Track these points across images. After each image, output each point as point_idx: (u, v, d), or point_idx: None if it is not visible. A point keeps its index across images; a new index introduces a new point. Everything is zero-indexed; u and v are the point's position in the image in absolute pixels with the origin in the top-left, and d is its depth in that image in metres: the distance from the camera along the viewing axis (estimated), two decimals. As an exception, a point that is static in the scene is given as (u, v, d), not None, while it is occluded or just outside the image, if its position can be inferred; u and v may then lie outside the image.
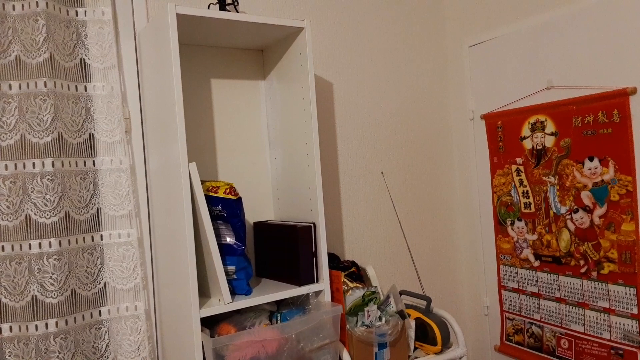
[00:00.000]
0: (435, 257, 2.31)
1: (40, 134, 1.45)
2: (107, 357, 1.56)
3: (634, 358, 1.67)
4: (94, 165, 1.57)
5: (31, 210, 1.44)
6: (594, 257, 1.78)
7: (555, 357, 1.94)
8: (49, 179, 1.45)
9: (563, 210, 1.87)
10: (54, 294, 1.43)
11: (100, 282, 1.56)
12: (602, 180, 1.74)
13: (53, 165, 1.45)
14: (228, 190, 1.54)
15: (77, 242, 1.51)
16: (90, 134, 1.57)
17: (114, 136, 1.58)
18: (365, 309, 1.73)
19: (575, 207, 1.83)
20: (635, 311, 1.67)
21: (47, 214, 1.45)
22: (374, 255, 2.16)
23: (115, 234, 1.57)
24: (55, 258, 1.44)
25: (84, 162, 1.55)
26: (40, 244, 1.43)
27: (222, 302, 1.47)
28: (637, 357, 1.66)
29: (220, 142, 1.83)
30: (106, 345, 1.55)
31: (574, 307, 1.86)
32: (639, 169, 1.64)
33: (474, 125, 2.24)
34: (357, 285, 1.83)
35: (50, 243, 1.43)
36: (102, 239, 1.56)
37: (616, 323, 1.72)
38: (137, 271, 1.57)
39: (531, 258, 2.02)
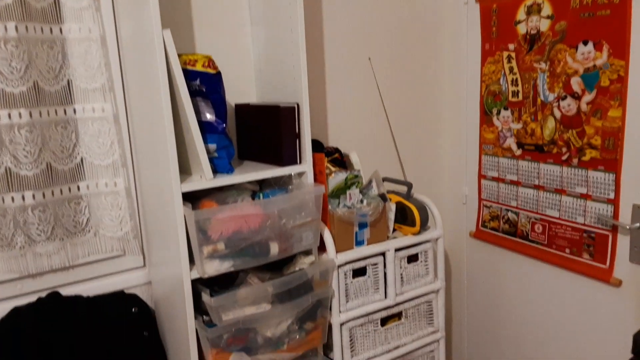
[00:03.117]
0: (419, 146, 2.31)
1: None
2: (89, 231, 1.57)
3: (605, 240, 1.74)
4: (61, 33, 1.46)
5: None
6: (577, 144, 1.78)
7: (528, 241, 2.02)
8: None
9: (551, 97, 1.84)
10: (29, 166, 1.39)
11: (76, 157, 1.52)
12: (594, 66, 1.69)
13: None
14: (207, 63, 1.46)
15: (48, 115, 1.44)
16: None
17: None
18: (348, 191, 1.74)
19: (563, 94, 1.80)
20: (612, 196, 1.70)
21: (15, 83, 1.36)
22: (358, 142, 2.14)
23: (89, 107, 1.50)
24: (27, 130, 1.38)
25: (50, 28, 1.43)
26: (9, 114, 1.36)
27: (204, 178, 1.45)
28: (608, 240, 1.73)
29: (198, 16, 1.71)
30: (87, 220, 1.55)
31: (551, 194, 1.90)
32: (633, 53, 1.59)
33: (468, 10, 2.13)
34: (340, 169, 1.83)
35: (20, 114, 1.37)
36: (75, 113, 1.49)
37: (592, 208, 1.77)
38: (114, 147, 1.53)
39: (514, 147, 2.02)
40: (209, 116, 1.49)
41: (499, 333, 2.23)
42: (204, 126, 1.48)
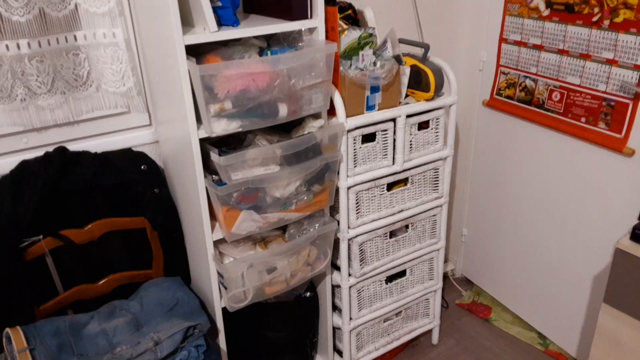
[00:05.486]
0: (439, 4, 2.14)
1: None
2: (91, 85, 1.51)
3: (624, 109, 1.68)
4: None
5: None
6: (612, 3, 1.64)
7: (544, 110, 1.96)
8: None
9: (591, -51, 1.65)
10: (20, 11, 1.28)
11: (70, 3, 1.40)
12: None
13: None
14: None
15: (34, -49, 1.30)
16: None
17: None
18: (360, 52, 1.64)
19: (606, -56, 1.61)
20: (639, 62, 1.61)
21: None
22: (372, -2, 1.97)
23: (78, -55, 1.35)
24: (12, -31, 1.25)
25: None
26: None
27: (208, 31, 1.35)
28: (628, 108, 1.67)
29: None
30: (87, 73, 1.48)
31: (575, 59, 1.80)
32: None
33: None
34: (354, 27, 1.70)
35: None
36: (63, -49, 1.35)
37: (616, 74, 1.68)
38: (110, -7, 1.40)
39: (542, 7, 1.86)
40: (212, -41, 1.34)
41: (500, 200, 2.28)
42: (207, -29, 1.34)
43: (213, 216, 1.53)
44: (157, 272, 1.79)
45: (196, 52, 1.40)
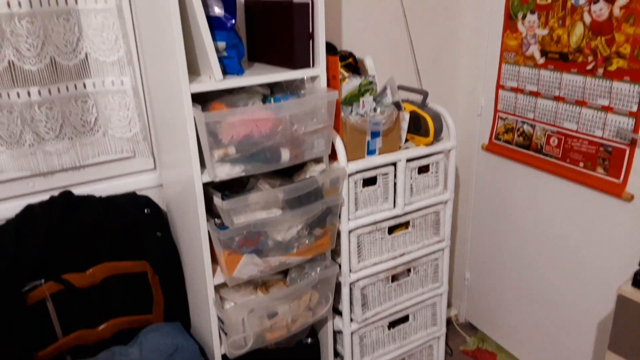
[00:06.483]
0: (437, 52, 2.21)
1: None
2: (98, 131, 1.54)
3: (622, 154, 1.71)
4: None
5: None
6: (605, 52, 1.69)
7: (542, 155, 1.99)
8: None
9: (582, 1, 1.72)
10: (32, 60, 1.33)
11: (80, 53, 1.45)
12: (634, -34, 1.56)
13: None
14: (215, -48, 1.35)
15: (49, 4, 1.36)
16: None
17: None
18: (361, 99, 1.69)
19: (597, -3, 1.68)
20: (634, 109, 1.64)
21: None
22: (373, 47, 2.04)
23: (91, -1, 1.42)
24: (28, 21, 1.30)
25: None
26: (8, 2, 1.28)
27: (213, 79, 1.40)
28: (625, 154, 1.70)
29: None
30: (95, 119, 1.52)
31: (571, 106, 1.84)
32: (680, -48, 1.46)
33: None
34: (354, 75, 1.75)
35: (19, 2, 1.29)
36: (77, 4, 1.40)
37: (612, 121, 1.72)
38: (119, 43, 1.46)
39: (537, 55, 1.92)
40: (218, 10, 1.40)
41: (502, 243, 2.27)
42: (212, 22, 1.40)
43: (214, 260, 1.53)
44: (157, 316, 1.77)
45: (202, 98, 1.44)
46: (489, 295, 2.41)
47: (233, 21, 1.41)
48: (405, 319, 1.98)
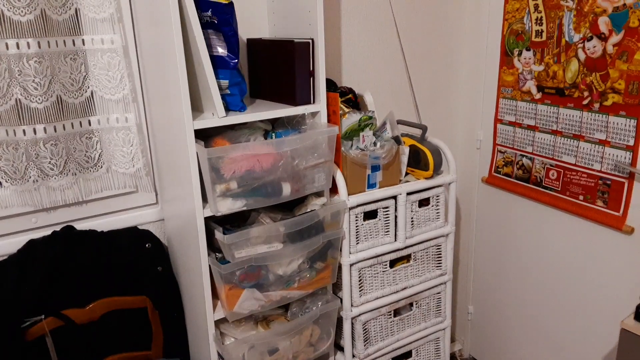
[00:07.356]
0: (435, 88, 2.25)
1: None
2: (101, 167, 1.56)
3: (620, 187, 1.72)
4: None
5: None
6: (600, 88, 1.72)
7: (542, 188, 2.00)
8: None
9: (576, 38, 1.76)
10: (39, 99, 1.36)
11: (86, 91, 1.49)
12: (624, 5, 1.60)
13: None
14: (219, -7, 1.39)
15: (57, 45, 1.40)
16: None
17: None
18: (361, 133, 1.71)
19: (589, 34, 1.72)
20: (631, 143, 1.66)
21: (22, 11, 1.31)
22: (372, 83, 2.08)
23: (97, 39, 1.46)
24: (36, 60, 1.34)
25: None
26: (17, 44, 1.32)
27: (216, 116, 1.42)
28: (624, 187, 1.71)
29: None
30: (99, 155, 1.54)
31: (569, 139, 1.86)
32: (669, -8, 1.51)
33: (493, -57, 2.01)
34: (354, 110, 1.79)
35: (28, 43, 1.33)
36: (84, 44, 1.45)
37: (609, 154, 1.74)
38: (124, 82, 1.49)
39: (533, 90, 1.96)
40: (221, 50, 1.44)
41: (505, 276, 2.26)
42: (216, 61, 1.43)
43: (215, 295, 1.52)
44: (156, 352, 1.75)
45: (204, 134, 1.47)
46: (492, 330, 2.38)
47: (236, 60, 1.44)
48: (408, 354, 1.95)
